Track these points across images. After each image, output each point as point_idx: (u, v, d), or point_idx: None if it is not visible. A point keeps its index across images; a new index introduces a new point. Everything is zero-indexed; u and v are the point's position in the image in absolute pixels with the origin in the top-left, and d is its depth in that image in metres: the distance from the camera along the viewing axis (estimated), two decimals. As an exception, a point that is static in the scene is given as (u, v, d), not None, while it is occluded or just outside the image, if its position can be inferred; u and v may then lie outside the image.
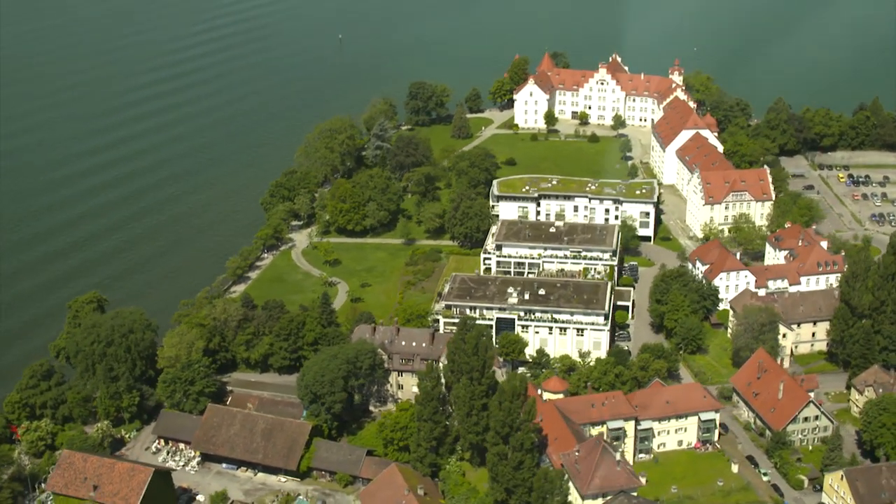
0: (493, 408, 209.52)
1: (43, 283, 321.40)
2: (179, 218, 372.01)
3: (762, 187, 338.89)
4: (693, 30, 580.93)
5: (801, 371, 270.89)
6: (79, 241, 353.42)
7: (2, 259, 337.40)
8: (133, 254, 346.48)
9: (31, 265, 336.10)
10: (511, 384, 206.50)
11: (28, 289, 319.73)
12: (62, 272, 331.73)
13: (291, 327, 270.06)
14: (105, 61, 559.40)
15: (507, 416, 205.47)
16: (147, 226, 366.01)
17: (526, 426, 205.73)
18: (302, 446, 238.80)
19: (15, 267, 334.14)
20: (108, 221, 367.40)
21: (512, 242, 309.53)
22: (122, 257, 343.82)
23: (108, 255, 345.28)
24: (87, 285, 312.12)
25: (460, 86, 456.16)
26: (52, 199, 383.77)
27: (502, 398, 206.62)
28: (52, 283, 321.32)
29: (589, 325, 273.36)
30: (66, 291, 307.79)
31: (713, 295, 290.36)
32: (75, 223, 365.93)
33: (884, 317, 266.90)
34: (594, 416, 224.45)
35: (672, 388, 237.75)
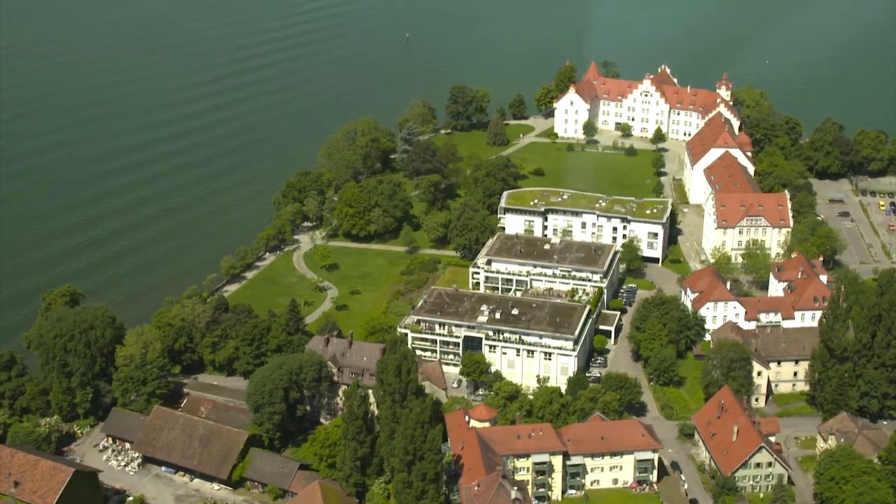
0: (398, 435, 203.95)
1: (50, 280, 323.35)
2: (201, 215, 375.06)
3: (780, 213, 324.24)
4: (756, 44, 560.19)
5: (774, 412, 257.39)
6: (94, 238, 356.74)
7: (16, 254, 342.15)
8: (147, 251, 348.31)
9: (42, 260, 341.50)
10: (415, 411, 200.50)
11: (33, 284, 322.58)
12: (72, 266, 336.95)
13: (256, 332, 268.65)
14: (168, 57, 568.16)
15: (409, 444, 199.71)
16: (167, 223, 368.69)
17: (430, 455, 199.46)
18: (235, 455, 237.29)
19: (26, 261, 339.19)
20: (129, 219, 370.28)
21: (502, 258, 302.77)
22: (134, 254, 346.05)
23: (120, 252, 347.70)
24: (94, 281, 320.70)
25: (511, 90, 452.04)
26: (85, 193, 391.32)
27: (406, 425, 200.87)
28: (60, 277, 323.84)
29: (557, 349, 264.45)
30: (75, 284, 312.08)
31: (699, 325, 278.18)
32: (95, 220, 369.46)
33: (866, 360, 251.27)
34: (519, 447, 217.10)
35: (609, 423, 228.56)
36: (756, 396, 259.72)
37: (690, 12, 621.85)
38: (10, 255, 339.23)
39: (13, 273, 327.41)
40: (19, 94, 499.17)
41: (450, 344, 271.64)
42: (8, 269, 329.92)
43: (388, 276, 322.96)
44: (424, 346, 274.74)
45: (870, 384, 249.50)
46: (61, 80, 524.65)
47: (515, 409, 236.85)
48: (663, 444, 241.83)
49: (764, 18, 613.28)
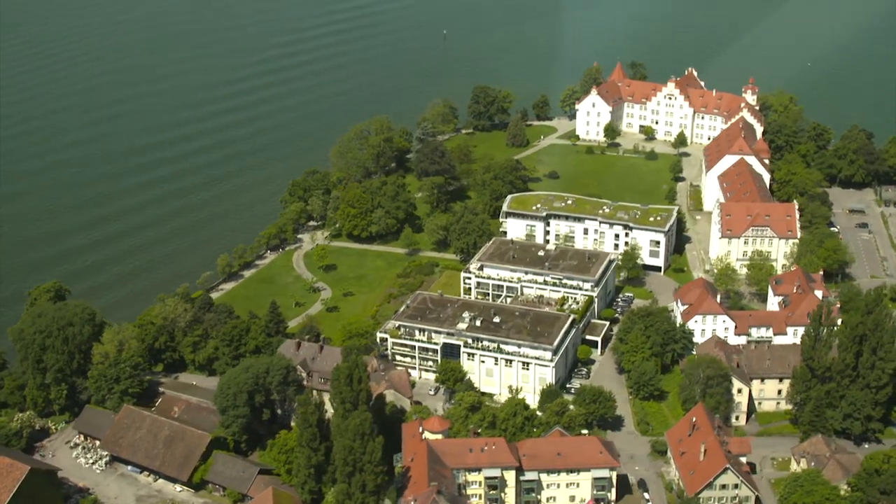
0: (337, 445, 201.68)
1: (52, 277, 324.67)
2: (212, 214, 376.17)
3: (788, 224, 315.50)
4: (796, 47, 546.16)
5: (755, 431, 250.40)
6: (102, 236, 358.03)
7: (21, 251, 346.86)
8: (153, 249, 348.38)
9: (49, 257, 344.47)
10: (354, 422, 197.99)
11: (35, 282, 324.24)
12: (77, 263, 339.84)
13: (235, 333, 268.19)
14: (201, 54, 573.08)
15: (348, 455, 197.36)
16: (177, 222, 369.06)
17: (369, 467, 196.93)
18: (197, 458, 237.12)
19: (31, 258, 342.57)
20: (139, 217, 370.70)
21: (495, 263, 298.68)
22: (140, 252, 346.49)
23: (128, 250, 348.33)
24: (96, 279, 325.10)
25: (540, 89, 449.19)
26: (96, 191, 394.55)
27: (346, 436, 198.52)
28: (64, 274, 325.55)
29: (535, 359, 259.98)
30: (80, 280, 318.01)
31: (686, 338, 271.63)
32: (104, 218, 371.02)
33: (849, 381, 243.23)
34: (470, 461, 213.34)
35: (567, 439, 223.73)
36: (736, 414, 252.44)
37: (726, 14, 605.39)
38: (17, 252, 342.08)
39: (18, 270, 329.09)
40: (31, 92, 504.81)
41: (429, 350, 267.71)
42: (13, 266, 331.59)
43: (385, 278, 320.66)
44: (404, 351, 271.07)
45: (852, 406, 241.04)
46: (82, 78, 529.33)
47: (477, 421, 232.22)
48: (635, 461, 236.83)
49: (805, 20, 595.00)
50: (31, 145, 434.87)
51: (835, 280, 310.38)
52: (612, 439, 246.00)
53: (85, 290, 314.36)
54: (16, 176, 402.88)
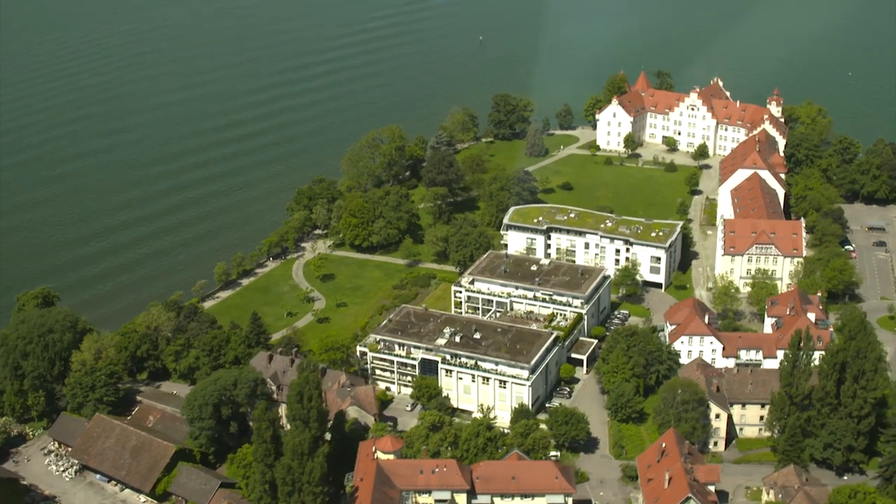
0: (278, 464, 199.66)
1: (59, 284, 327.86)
2: (220, 221, 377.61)
3: (793, 242, 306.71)
4: (834, 57, 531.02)
5: (734, 458, 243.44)
6: (110, 246, 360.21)
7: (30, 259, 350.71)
8: (162, 258, 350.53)
9: (61, 264, 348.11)
10: (293, 441, 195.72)
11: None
12: (82, 271, 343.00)
13: (214, 343, 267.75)
14: (236, 61, 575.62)
15: (286, 475, 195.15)
16: (187, 231, 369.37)
17: (307, 487, 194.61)
18: (161, 469, 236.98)
19: (38, 267, 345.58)
20: (150, 226, 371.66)
21: (485, 278, 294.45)
22: (149, 260, 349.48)
23: (136, 259, 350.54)
24: (102, 286, 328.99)
25: (567, 97, 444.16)
26: (111, 202, 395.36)
27: (284, 455, 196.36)
28: (70, 283, 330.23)
29: (511, 377, 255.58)
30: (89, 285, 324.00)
31: (672, 359, 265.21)
32: (113, 228, 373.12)
33: (830, 410, 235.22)
34: (420, 483, 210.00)
35: (523, 463, 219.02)
36: (715, 440, 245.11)
37: (762, 24, 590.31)
38: (19, 260, 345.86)
39: (20, 277, 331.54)
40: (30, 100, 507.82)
41: (407, 366, 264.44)
42: (17, 273, 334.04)
43: (381, 289, 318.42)
44: (384, 366, 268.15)
45: (833, 435, 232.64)
46: (109, 88, 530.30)
47: (437, 440, 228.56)
48: (605, 485, 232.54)
49: (841, 30, 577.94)
50: (40, 157, 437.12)
51: (841, 301, 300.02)
52: (586, 462, 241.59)
53: (86, 298, 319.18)
54: (23, 185, 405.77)
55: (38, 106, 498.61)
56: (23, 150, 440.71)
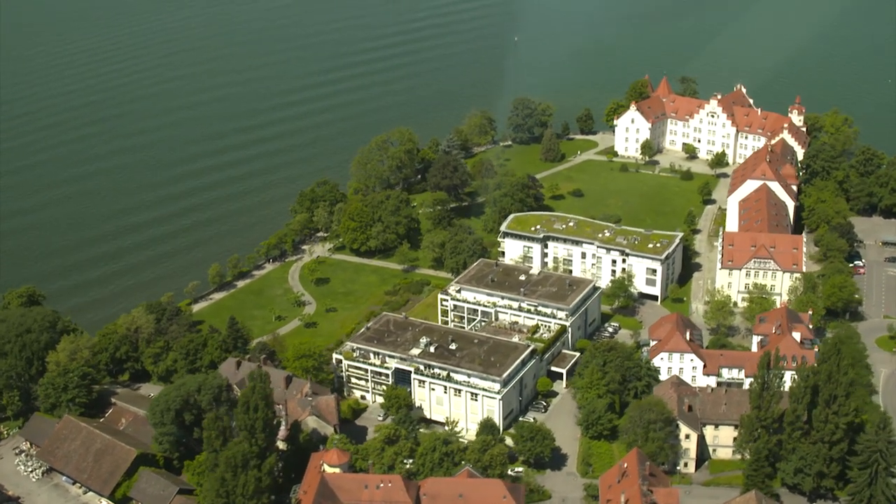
0: (210, 476, 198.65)
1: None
2: (235, 227, 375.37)
3: (794, 257, 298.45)
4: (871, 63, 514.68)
5: (704, 479, 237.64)
6: (118, 247, 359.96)
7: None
8: (165, 262, 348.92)
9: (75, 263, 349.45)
10: (226, 454, 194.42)
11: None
12: (85, 272, 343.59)
13: (191, 347, 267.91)
14: (265, 62, 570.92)
15: (220, 487, 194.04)
16: (196, 235, 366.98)
17: (241, 501, 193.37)
18: (121, 473, 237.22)
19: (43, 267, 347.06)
20: (157, 228, 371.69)
21: (472, 287, 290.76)
22: (146, 261, 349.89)
23: (142, 262, 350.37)
24: (98, 290, 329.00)
25: (591, 101, 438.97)
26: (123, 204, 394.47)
27: (220, 466, 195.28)
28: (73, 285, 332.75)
29: (483, 390, 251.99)
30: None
31: (651, 376, 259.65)
32: (124, 229, 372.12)
33: (801, 434, 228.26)
34: (364, 498, 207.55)
35: (471, 481, 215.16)
36: (685, 461, 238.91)
37: (798, 32, 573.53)
38: (29, 262, 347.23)
39: (16, 276, 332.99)
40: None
41: (381, 375, 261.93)
42: (24, 275, 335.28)
43: (374, 294, 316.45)
44: (358, 374, 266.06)
45: (803, 461, 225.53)
46: (127, 91, 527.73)
47: (391, 454, 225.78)
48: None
49: (882, 37, 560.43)
50: (60, 157, 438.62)
51: (841, 319, 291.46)
52: (551, 479, 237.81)
53: (84, 300, 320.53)
54: (35, 188, 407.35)
55: (59, 108, 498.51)
56: (40, 151, 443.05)
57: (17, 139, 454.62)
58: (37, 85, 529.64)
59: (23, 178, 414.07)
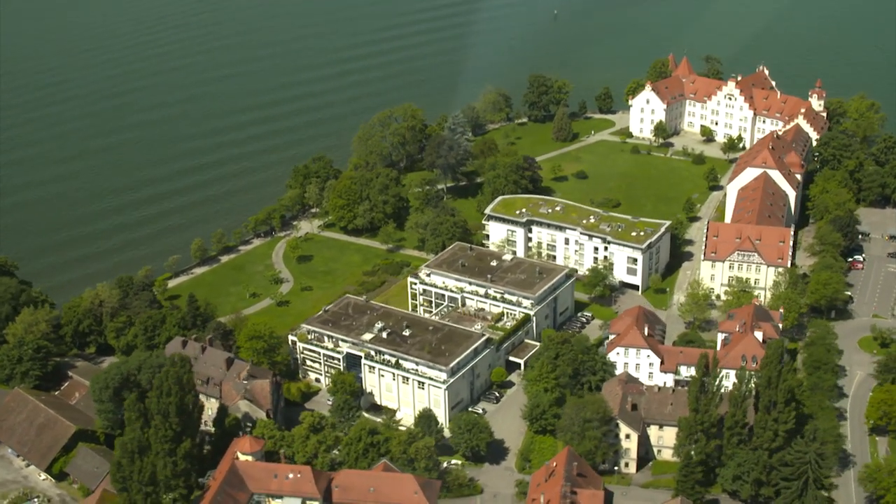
0: (112, 462, 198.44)
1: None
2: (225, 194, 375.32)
3: (780, 250, 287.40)
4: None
5: (644, 481, 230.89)
6: (129, 219, 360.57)
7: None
8: (155, 233, 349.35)
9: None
10: (122, 440, 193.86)
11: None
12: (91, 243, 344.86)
13: (149, 323, 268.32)
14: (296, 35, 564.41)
15: (116, 472, 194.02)
16: (194, 213, 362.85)
17: (135, 486, 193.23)
18: (59, 448, 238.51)
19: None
20: (155, 207, 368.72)
21: (441, 271, 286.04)
22: (136, 233, 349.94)
23: (122, 226, 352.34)
24: (99, 260, 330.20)
25: (616, 79, 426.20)
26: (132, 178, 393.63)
27: (116, 451, 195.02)
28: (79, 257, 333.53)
29: (429, 379, 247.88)
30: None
31: (607, 370, 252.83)
32: (136, 202, 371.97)
33: (738, 440, 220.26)
34: (273, 487, 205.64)
35: (385, 474, 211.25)
36: (626, 461, 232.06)
37: (829, 8, 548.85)
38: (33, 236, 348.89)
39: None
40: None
41: (333, 359, 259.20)
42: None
43: (354, 274, 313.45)
44: (313, 357, 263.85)
45: (741, 467, 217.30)
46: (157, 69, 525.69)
47: (315, 443, 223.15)
48: (498, 500, 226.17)
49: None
50: (71, 132, 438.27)
51: (826, 316, 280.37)
52: (487, 473, 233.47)
53: (73, 276, 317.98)
54: (44, 162, 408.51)
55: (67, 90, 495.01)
56: (62, 123, 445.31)
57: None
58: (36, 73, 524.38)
59: (23, 156, 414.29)
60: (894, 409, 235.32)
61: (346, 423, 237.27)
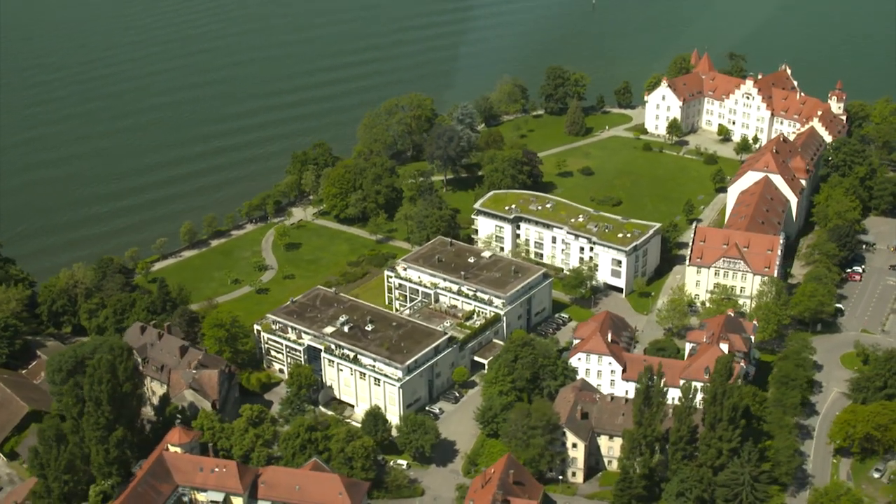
0: (30, 448, 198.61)
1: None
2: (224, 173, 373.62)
3: (767, 259, 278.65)
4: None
5: (590, 491, 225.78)
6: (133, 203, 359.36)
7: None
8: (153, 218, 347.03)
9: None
10: (43, 426, 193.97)
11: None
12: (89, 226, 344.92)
13: (118, 307, 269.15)
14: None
15: (34, 459, 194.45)
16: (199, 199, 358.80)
17: (52, 474, 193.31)
18: (10, 427, 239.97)
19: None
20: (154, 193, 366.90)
21: (417, 266, 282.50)
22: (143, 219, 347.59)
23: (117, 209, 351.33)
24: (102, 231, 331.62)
25: (639, 73, 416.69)
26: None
27: (37, 439, 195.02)
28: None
29: (385, 376, 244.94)
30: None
31: (569, 376, 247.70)
32: (139, 188, 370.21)
33: (682, 455, 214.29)
34: (198, 481, 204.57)
35: (311, 473, 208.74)
36: (573, 471, 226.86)
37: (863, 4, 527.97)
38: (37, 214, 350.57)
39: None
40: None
41: (295, 351, 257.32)
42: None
43: (339, 264, 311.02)
44: (277, 347, 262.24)
45: (683, 484, 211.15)
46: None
47: (252, 437, 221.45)
48: (436, 502, 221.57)
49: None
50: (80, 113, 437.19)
51: (812, 330, 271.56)
52: (433, 475, 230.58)
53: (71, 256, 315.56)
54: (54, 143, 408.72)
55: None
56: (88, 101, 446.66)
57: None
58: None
59: (27, 138, 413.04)
60: (858, 430, 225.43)
61: (293, 417, 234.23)
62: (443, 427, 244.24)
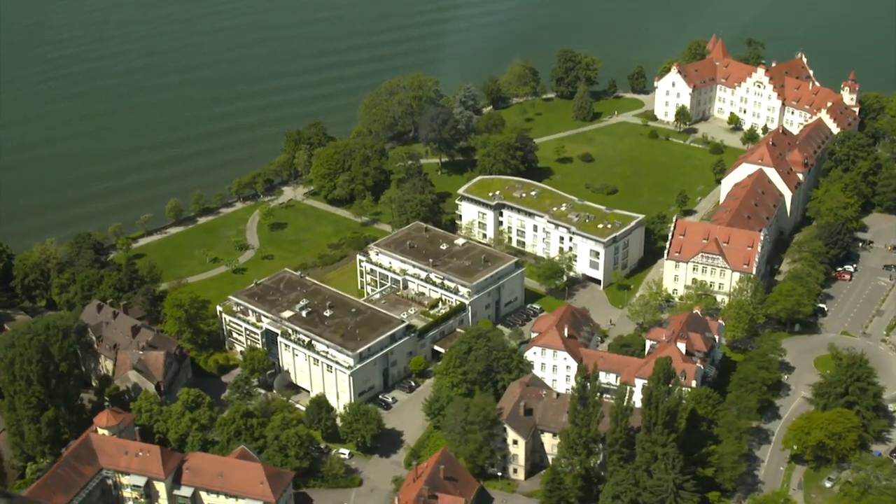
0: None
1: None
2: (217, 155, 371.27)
3: (746, 256, 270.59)
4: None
5: (530, 489, 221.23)
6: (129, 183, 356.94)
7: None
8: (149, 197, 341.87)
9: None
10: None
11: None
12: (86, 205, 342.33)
13: (86, 283, 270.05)
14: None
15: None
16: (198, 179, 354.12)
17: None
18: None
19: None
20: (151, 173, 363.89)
21: (388, 251, 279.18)
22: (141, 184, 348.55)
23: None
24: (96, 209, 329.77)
25: (656, 59, 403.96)
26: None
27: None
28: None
29: (337, 363, 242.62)
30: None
31: (523, 370, 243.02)
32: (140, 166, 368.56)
33: (619, 457, 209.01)
34: (122, 464, 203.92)
35: (235, 462, 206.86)
36: (514, 467, 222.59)
37: None
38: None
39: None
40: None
41: (254, 334, 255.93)
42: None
43: (320, 245, 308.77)
44: (237, 330, 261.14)
45: (618, 487, 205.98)
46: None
47: (187, 422, 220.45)
48: (375, 495, 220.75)
49: None
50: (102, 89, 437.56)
51: (789, 330, 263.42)
52: (375, 465, 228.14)
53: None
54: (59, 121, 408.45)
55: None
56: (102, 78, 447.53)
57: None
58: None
59: (29, 115, 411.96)
60: (811, 438, 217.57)
61: (241, 401, 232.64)
62: (394, 417, 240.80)
